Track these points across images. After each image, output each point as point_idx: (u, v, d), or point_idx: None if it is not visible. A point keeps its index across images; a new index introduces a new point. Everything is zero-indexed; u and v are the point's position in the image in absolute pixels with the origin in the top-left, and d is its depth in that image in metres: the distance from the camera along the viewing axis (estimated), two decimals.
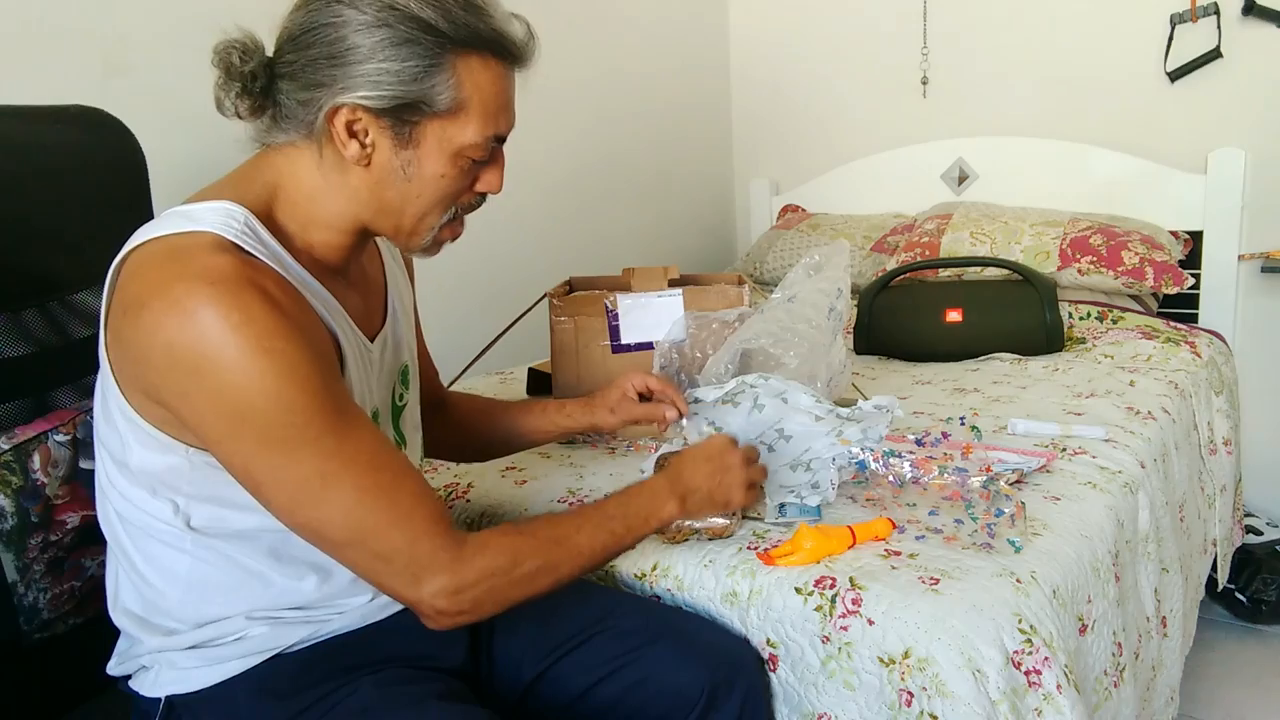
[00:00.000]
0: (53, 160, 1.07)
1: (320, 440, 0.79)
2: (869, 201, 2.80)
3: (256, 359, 0.76)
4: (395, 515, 0.82)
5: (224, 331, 0.75)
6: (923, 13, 2.68)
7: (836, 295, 1.41)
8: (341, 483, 0.80)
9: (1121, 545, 1.25)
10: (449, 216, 0.93)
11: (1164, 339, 2.07)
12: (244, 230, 0.83)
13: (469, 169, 0.91)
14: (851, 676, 0.98)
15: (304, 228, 0.90)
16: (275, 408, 0.77)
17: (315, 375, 0.80)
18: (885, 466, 1.23)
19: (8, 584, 0.95)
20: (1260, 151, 2.28)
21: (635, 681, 0.98)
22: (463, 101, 0.87)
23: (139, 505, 0.87)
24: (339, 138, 0.85)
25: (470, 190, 0.93)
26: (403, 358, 1.06)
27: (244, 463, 0.80)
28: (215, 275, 0.77)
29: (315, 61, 0.83)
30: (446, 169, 0.88)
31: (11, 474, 0.96)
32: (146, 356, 0.78)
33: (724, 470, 1.06)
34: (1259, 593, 2.16)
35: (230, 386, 0.76)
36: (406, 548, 0.82)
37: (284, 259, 0.86)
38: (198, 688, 0.88)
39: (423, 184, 0.89)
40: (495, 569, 0.85)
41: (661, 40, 2.82)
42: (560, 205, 2.50)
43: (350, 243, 0.93)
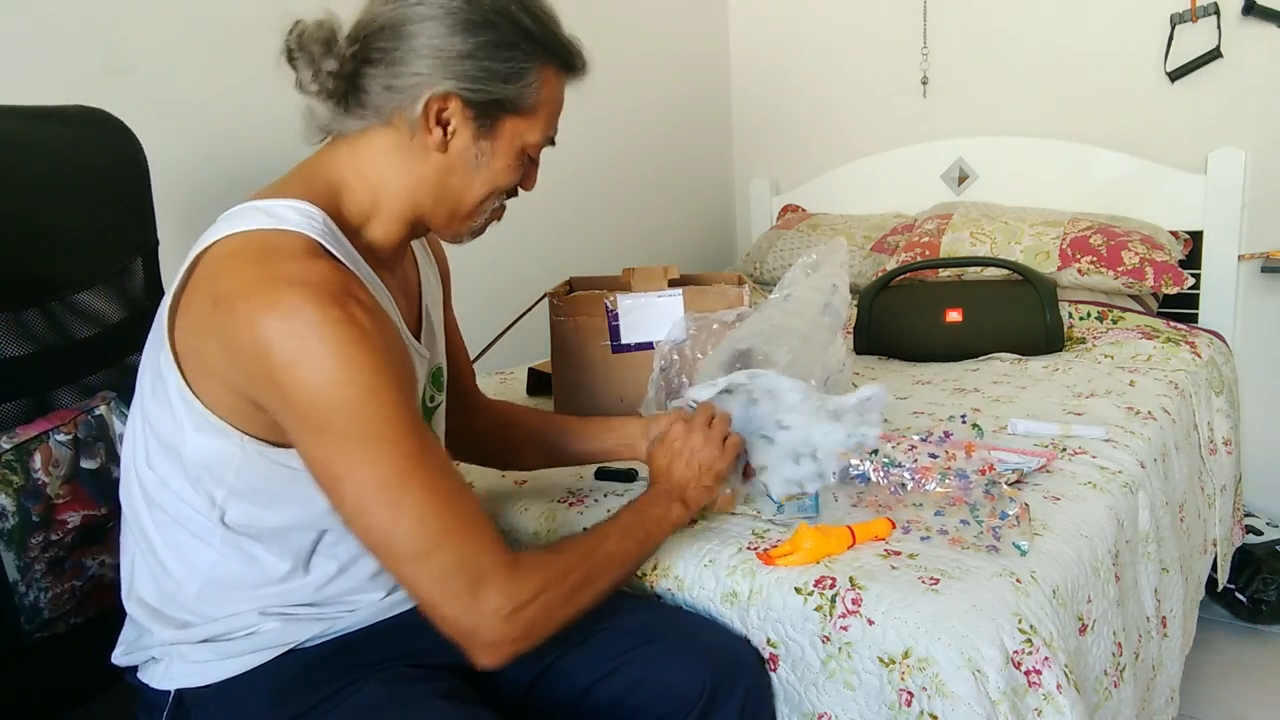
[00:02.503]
0: (54, 160, 1.07)
1: (405, 439, 0.81)
2: (869, 201, 2.80)
3: (351, 352, 0.79)
4: (463, 527, 0.83)
5: (323, 329, 0.78)
6: (923, 13, 2.68)
7: (831, 291, 1.41)
8: (419, 485, 0.82)
9: (1121, 545, 1.25)
10: (498, 203, 1.00)
11: (1164, 339, 2.07)
12: (324, 231, 0.87)
13: (525, 165, 0.99)
14: (851, 676, 0.98)
15: (365, 222, 0.94)
16: (366, 399, 0.79)
17: (400, 374, 0.84)
18: (886, 477, 1.23)
19: (9, 583, 0.96)
20: (1260, 151, 2.28)
21: (636, 680, 0.98)
22: (538, 104, 0.96)
23: (176, 493, 0.87)
24: (428, 127, 0.90)
25: (514, 184, 1.00)
26: (437, 360, 1.08)
27: (326, 459, 0.81)
28: (314, 278, 0.80)
29: (415, 51, 0.88)
30: (512, 161, 0.96)
31: (13, 473, 0.96)
32: (239, 348, 0.79)
33: (691, 453, 1.09)
34: (1259, 593, 2.16)
35: (324, 383, 0.78)
36: (472, 560, 0.83)
37: (358, 260, 0.90)
38: (208, 682, 0.89)
39: (489, 173, 0.95)
40: (547, 583, 0.87)
41: (661, 40, 2.82)
42: (560, 205, 2.51)
43: (403, 235, 0.98)
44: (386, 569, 0.85)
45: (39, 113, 1.09)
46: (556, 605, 0.88)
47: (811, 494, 1.19)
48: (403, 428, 0.81)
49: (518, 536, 1.25)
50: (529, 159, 0.99)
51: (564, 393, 1.59)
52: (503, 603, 0.83)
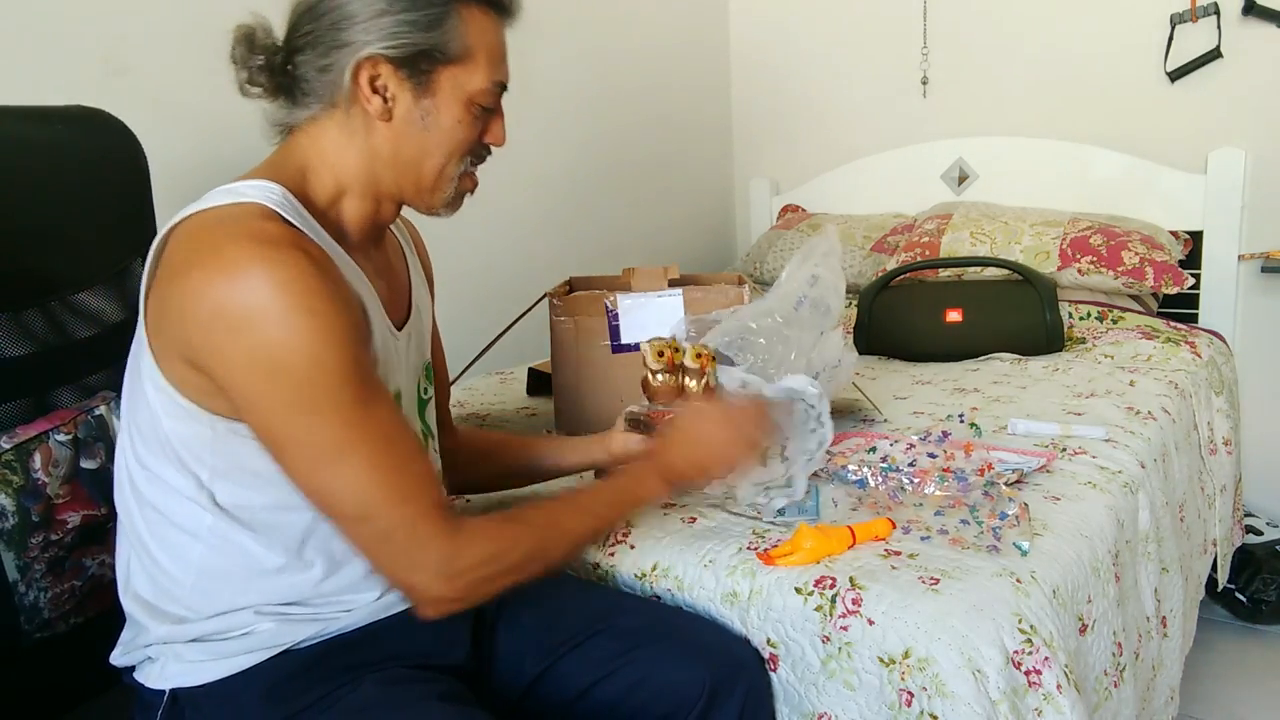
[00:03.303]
0: (54, 161, 1.07)
1: (347, 408, 0.82)
2: (869, 201, 2.80)
3: (299, 317, 0.79)
4: (403, 493, 0.85)
5: (270, 289, 0.79)
6: (923, 13, 2.68)
7: (811, 283, 1.39)
8: (358, 453, 0.83)
9: (1121, 545, 1.25)
10: (464, 167, 0.98)
11: (1164, 339, 2.07)
12: (282, 203, 0.87)
13: (479, 117, 0.96)
14: (852, 676, 0.98)
15: (332, 202, 0.94)
16: (309, 367, 0.80)
17: (350, 343, 0.83)
18: (884, 481, 1.23)
19: (8, 583, 0.96)
20: (1260, 151, 2.28)
21: (636, 680, 0.98)
22: (470, 49, 0.93)
23: (164, 480, 0.88)
24: (363, 95, 0.90)
25: (479, 141, 0.98)
26: (425, 354, 1.09)
27: (269, 423, 0.83)
28: (264, 237, 0.81)
29: (335, 25, 0.89)
30: (461, 115, 0.94)
31: (13, 473, 0.96)
32: (192, 315, 0.80)
33: (704, 445, 1.07)
34: (1259, 593, 2.16)
35: (269, 344, 0.79)
36: (408, 526, 0.85)
37: (319, 231, 0.90)
38: (202, 681, 0.89)
39: (440, 133, 0.94)
40: (489, 556, 0.88)
41: (661, 40, 2.82)
42: (560, 205, 2.51)
43: (374, 214, 0.97)
44: (331, 525, 0.87)
45: (39, 113, 1.09)
46: (498, 575, 0.89)
47: (776, 509, 1.18)
48: (348, 392, 0.82)
49: None
50: (482, 109, 0.96)
51: (564, 393, 1.59)
52: (441, 565, 0.86)
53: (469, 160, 0.99)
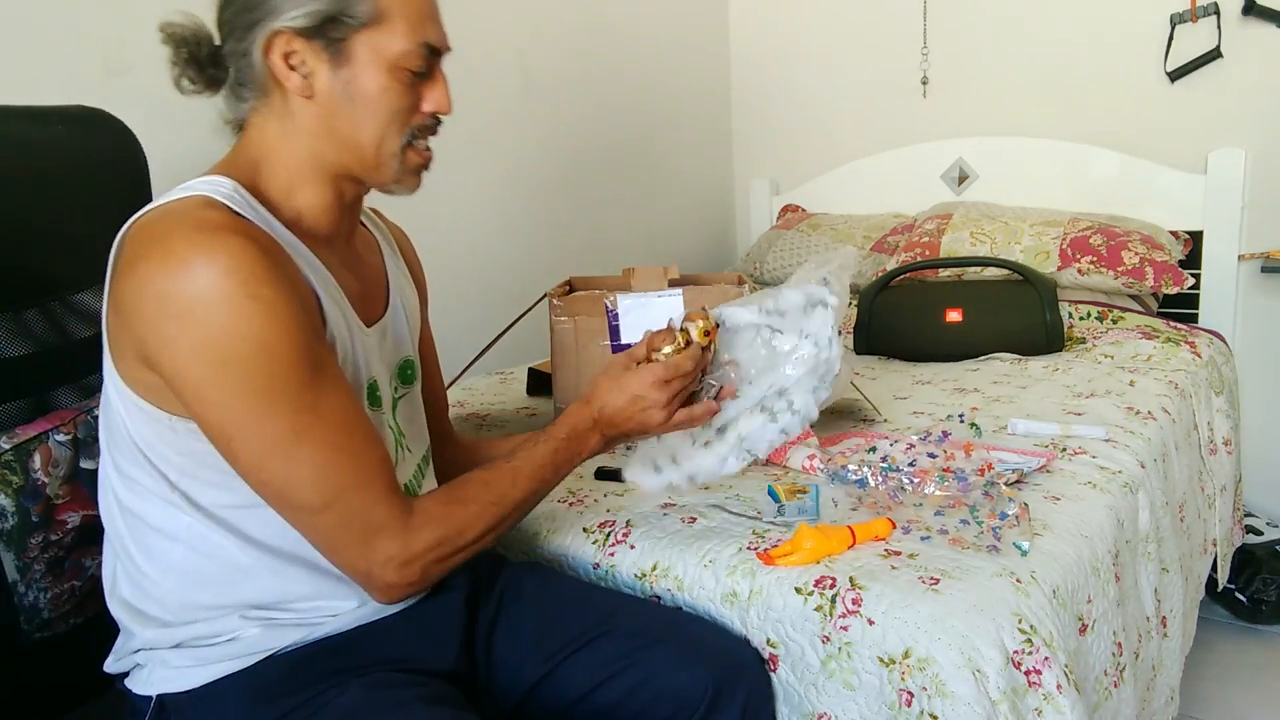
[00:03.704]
0: (54, 160, 1.07)
1: (298, 394, 0.82)
2: (869, 201, 2.80)
3: (243, 303, 0.78)
4: (358, 481, 0.85)
5: (213, 276, 0.78)
6: (923, 13, 2.68)
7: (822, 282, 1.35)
8: (311, 441, 0.82)
9: (1121, 545, 1.25)
10: (406, 139, 0.93)
11: (1164, 339, 2.07)
12: (232, 194, 0.86)
13: (410, 83, 0.92)
14: (851, 677, 0.98)
15: (287, 195, 0.92)
16: (257, 353, 0.79)
17: (298, 328, 0.82)
18: (884, 481, 1.23)
19: (8, 583, 0.95)
20: (1260, 151, 2.28)
21: (637, 683, 0.98)
22: (383, 10, 0.89)
23: (139, 483, 0.87)
24: (280, 74, 0.88)
25: (419, 110, 0.94)
26: (404, 351, 1.07)
27: (219, 416, 0.81)
28: (207, 225, 0.80)
29: (246, 6, 0.88)
30: (386, 81, 0.90)
31: (12, 473, 0.96)
32: (140, 310, 0.80)
33: (641, 406, 1.02)
34: (1259, 593, 2.16)
35: (214, 332, 0.78)
36: (364, 514, 0.85)
37: (271, 223, 0.88)
38: (188, 687, 0.88)
39: (367, 103, 0.90)
40: (442, 539, 0.89)
41: (661, 40, 2.82)
42: (560, 205, 2.51)
43: (334, 196, 0.95)
44: (283, 517, 0.86)
45: (39, 112, 1.09)
46: (452, 554, 0.90)
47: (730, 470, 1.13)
48: (298, 378, 0.81)
49: (516, 532, 1.25)
50: (413, 75, 0.92)
51: (564, 393, 1.59)
52: (395, 553, 0.86)
53: (411, 132, 0.94)
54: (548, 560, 1.21)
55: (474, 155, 2.21)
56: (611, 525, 1.20)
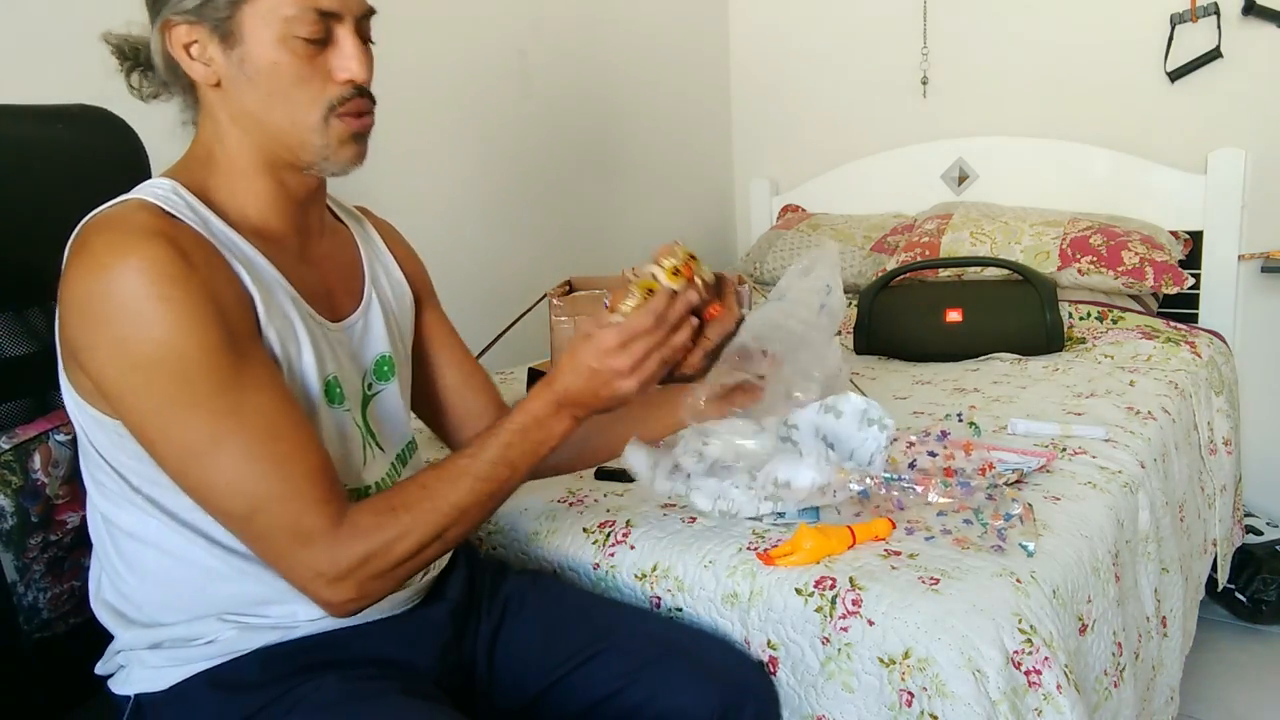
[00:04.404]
0: (57, 159, 1.07)
1: (214, 398, 0.79)
2: (869, 201, 2.80)
3: (154, 305, 0.77)
4: (284, 489, 0.80)
5: (124, 279, 0.77)
6: (923, 13, 2.68)
7: (826, 292, 1.40)
8: (231, 446, 0.79)
9: (1121, 545, 1.25)
10: (322, 112, 0.88)
11: (1164, 339, 2.07)
12: (169, 196, 0.85)
13: (308, 53, 0.86)
14: (851, 678, 0.98)
15: (232, 193, 0.90)
16: (170, 357, 0.77)
17: (214, 329, 0.79)
18: (886, 490, 1.23)
19: (7, 584, 0.95)
20: (1260, 151, 2.28)
21: (642, 701, 0.96)
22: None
23: (107, 487, 0.87)
24: (185, 66, 0.86)
25: (333, 81, 0.88)
26: (380, 348, 1.02)
27: (140, 420, 0.80)
28: (128, 228, 0.79)
29: (149, 3, 0.87)
30: (276, 55, 0.85)
31: (11, 473, 0.96)
32: (69, 314, 0.80)
33: (602, 379, 0.89)
34: (1259, 593, 2.16)
35: (126, 335, 0.77)
36: (290, 524, 0.80)
37: (210, 221, 0.86)
38: (164, 686, 0.88)
39: (265, 80, 0.86)
40: (374, 552, 0.82)
41: (661, 40, 2.82)
42: (560, 205, 2.51)
43: (274, 191, 0.91)
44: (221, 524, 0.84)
45: (41, 111, 1.09)
46: (391, 567, 0.83)
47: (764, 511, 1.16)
48: (215, 380, 0.78)
49: (515, 532, 1.25)
50: (309, 43, 0.85)
51: None
52: (324, 569, 0.81)
53: (328, 104, 0.88)
54: (547, 561, 1.21)
55: (474, 155, 2.21)
56: (611, 525, 1.20)
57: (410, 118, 2.03)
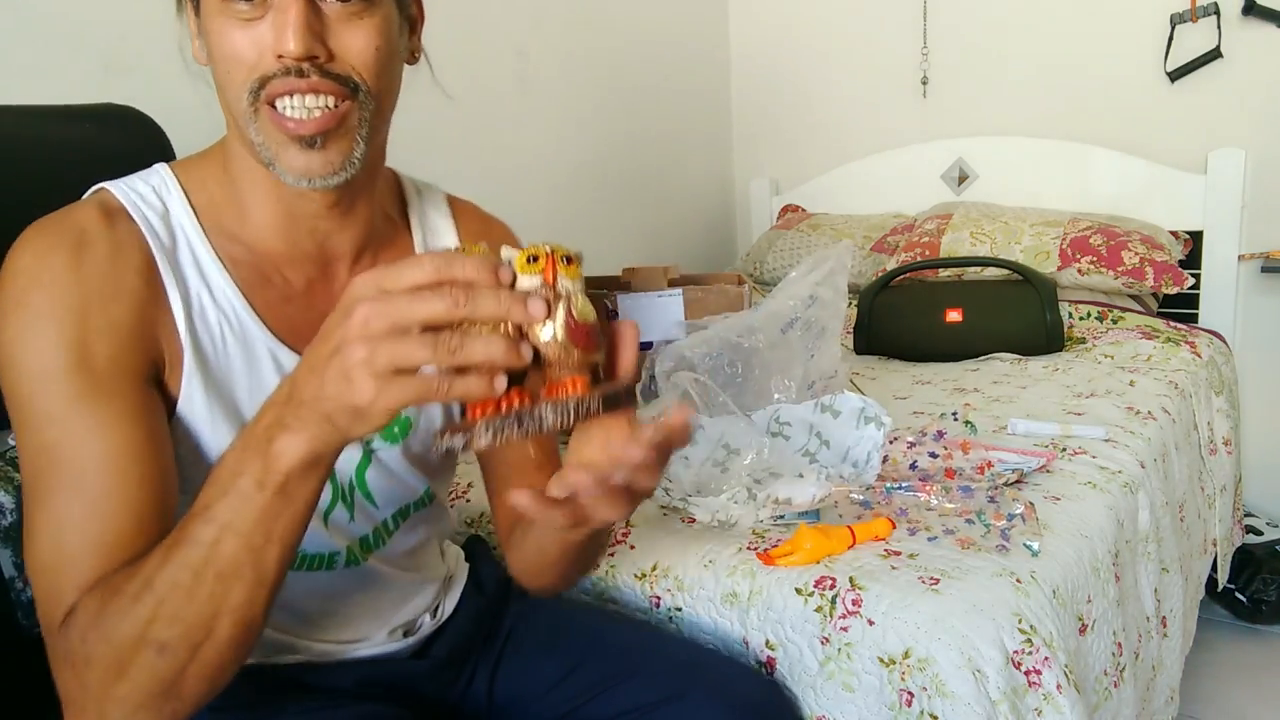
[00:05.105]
0: (85, 159, 1.07)
1: (40, 428, 0.67)
2: (869, 201, 2.80)
3: (10, 308, 0.68)
4: (65, 552, 0.65)
5: (7, 273, 0.69)
6: (923, 13, 2.68)
7: (807, 304, 1.39)
8: (43, 486, 0.66)
9: (1121, 545, 1.25)
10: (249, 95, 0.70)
11: (1164, 339, 2.07)
12: (142, 187, 0.76)
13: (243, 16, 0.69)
14: (851, 678, 0.98)
15: (235, 199, 0.78)
16: (6, 368, 0.68)
17: (63, 352, 0.67)
18: (887, 499, 1.23)
19: (5, 579, 0.95)
20: (1260, 151, 2.28)
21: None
22: None
23: None
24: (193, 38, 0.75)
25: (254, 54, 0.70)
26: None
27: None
28: (52, 220, 0.71)
29: None
30: (217, 21, 0.70)
31: (15, 470, 0.96)
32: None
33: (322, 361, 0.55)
34: (1259, 593, 2.16)
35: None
36: (54, 595, 0.65)
37: (181, 229, 0.76)
38: None
39: (213, 55, 0.72)
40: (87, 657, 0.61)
41: (661, 40, 2.82)
42: (560, 205, 2.50)
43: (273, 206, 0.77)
44: None
45: (70, 112, 1.09)
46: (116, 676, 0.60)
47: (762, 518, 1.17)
48: (39, 412, 0.66)
49: None
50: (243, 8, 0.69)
51: None
52: (60, 668, 0.64)
53: (255, 84, 0.70)
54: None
55: (473, 155, 2.21)
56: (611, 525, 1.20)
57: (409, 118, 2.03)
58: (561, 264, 0.59)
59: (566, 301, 0.57)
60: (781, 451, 1.20)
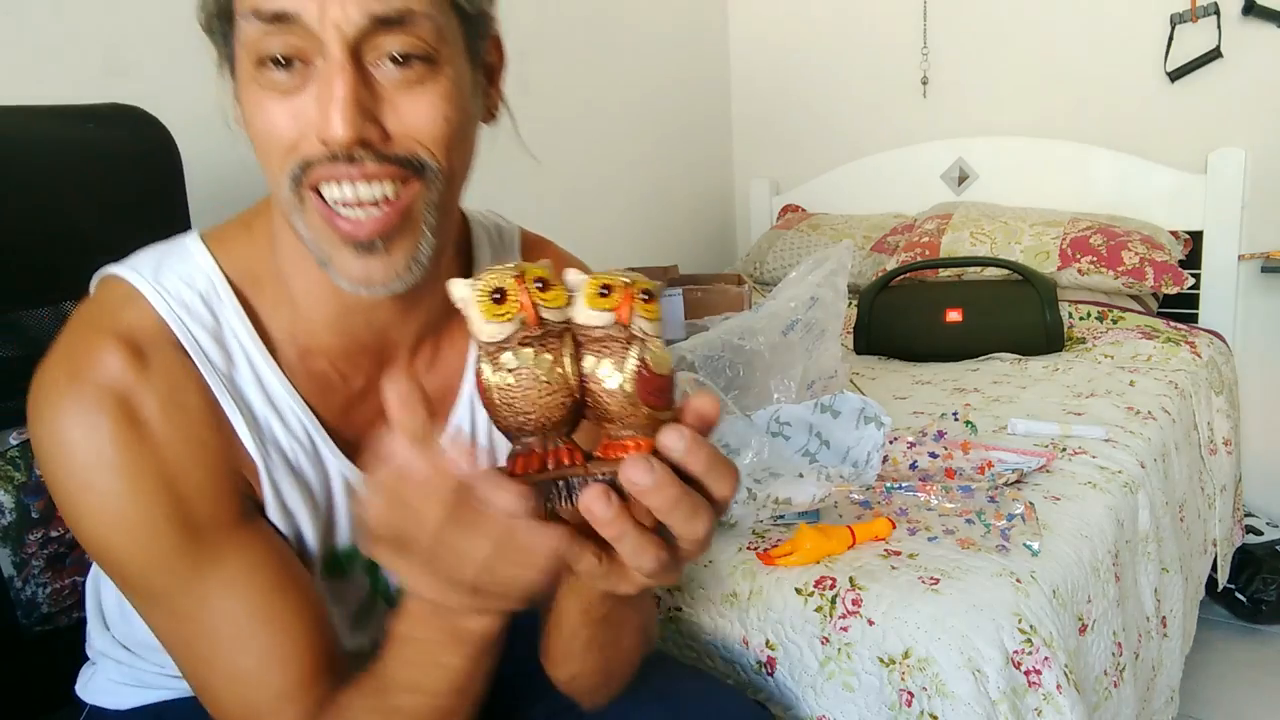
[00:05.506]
0: (89, 158, 1.07)
1: (169, 599, 0.64)
2: (869, 201, 2.80)
3: (81, 497, 0.62)
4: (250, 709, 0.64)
5: (54, 447, 0.61)
6: (923, 13, 2.68)
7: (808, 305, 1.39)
8: (194, 651, 0.64)
9: (1121, 545, 1.25)
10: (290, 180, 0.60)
11: (1164, 339, 2.07)
12: (195, 300, 0.66)
13: (280, 85, 0.58)
14: (851, 678, 0.98)
15: (286, 289, 0.69)
16: (104, 556, 0.64)
17: (166, 522, 0.62)
18: (887, 499, 1.23)
19: (4, 579, 0.96)
20: (1260, 151, 2.28)
21: None
22: None
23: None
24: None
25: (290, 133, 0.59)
26: None
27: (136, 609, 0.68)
28: (80, 370, 0.62)
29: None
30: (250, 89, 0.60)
31: (15, 470, 0.96)
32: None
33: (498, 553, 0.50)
34: (1259, 593, 2.16)
35: (67, 510, 0.63)
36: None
37: (233, 336, 0.67)
38: (119, 707, 0.83)
39: (251, 131, 0.61)
40: None
41: (662, 40, 2.82)
42: (560, 205, 2.50)
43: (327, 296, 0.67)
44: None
45: (73, 111, 1.09)
46: None
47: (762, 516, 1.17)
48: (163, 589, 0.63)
49: None
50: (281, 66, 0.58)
51: None
52: None
53: (296, 169, 0.59)
54: None
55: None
56: None
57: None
58: (639, 300, 0.48)
59: (640, 347, 0.47)
60: (781, 451, 1.20)
